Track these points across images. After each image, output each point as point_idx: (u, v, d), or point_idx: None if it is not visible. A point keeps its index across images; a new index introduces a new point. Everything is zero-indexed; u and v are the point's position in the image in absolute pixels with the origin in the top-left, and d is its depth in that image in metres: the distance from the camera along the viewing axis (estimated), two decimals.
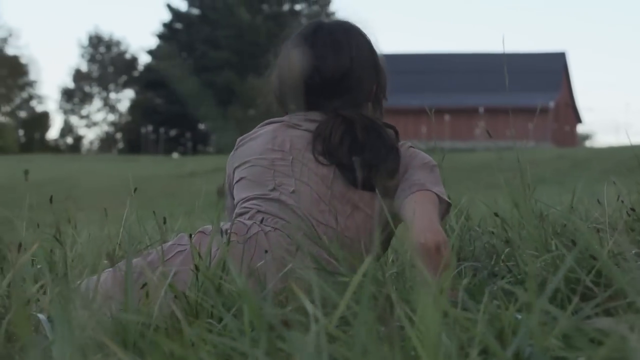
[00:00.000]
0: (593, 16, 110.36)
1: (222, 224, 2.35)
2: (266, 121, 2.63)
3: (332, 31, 2.62)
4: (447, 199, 2.43)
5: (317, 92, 2.56)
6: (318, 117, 2.55)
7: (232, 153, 2.65)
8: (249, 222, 2.37)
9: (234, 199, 2.57)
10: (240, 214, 2.46)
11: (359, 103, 2.59)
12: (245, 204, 2.47)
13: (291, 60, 2.61)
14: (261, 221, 2.39)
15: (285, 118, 2.60)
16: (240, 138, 2.66)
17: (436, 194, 2.38)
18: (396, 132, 2.57)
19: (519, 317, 1.56)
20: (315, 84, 2.56)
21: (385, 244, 2.50)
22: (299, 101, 2.60)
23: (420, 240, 2.17)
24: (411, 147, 2.55)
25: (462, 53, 56.50)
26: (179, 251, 2.30)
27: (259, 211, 2.42)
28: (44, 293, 2.15)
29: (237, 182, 2.56)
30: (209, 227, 2.40)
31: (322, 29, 2.63)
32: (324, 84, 2.55)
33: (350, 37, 2.62)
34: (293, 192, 2.42)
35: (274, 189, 2.45)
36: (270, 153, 2.51)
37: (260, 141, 2.56)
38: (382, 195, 2.37)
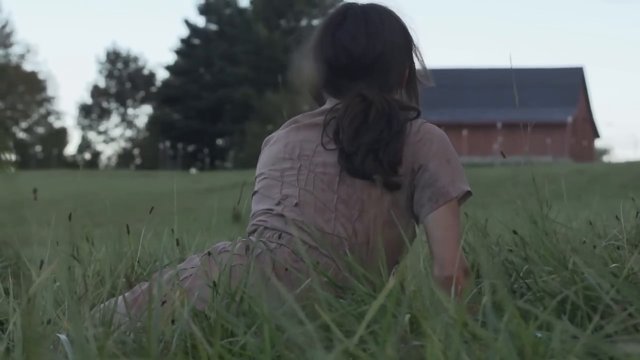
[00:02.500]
0: (614, 33, 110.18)
1: (239, 238, 2.34)
2: (289, 120, 2.56)
3: (365, 12, 2.50)
4: (467, 188, 2.37)
5: (342, 74, 2.48)
6: (334, 104, 2.46)
7: (259, 156, 2.59)
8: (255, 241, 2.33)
9: None
10: (251, 232, 2.42)
11: (389, 87, 2.49)
12: (254, 221, 2.44)
13: (317, 40, 2.53)
14: (271, 237, 2.35)
15: (299, 117, 2.53)
16: (266, 140, 2.60)
17: (457, 197, 2.34)
18: (418, 114, 2.46)
19: (539, 335, 1.55)
20: (341, 65, 2.47)
21: (399, 241, 2.35)
22: (322, 84, 2.53)
23: (444, 273, 2.29)
24: (425, 122, 2.43)
25: (479, 68, 56.44)
26: (186, 276, 2.24)
27: (266, 227, 2.38)
28: (63, 312, 2.15)
29: (253, 194, 2.52)
30: (218, 245, 2.39)
31: (353, 9, 2.52)
32: (351, 66, 2.46)
33: (383, 19, 2.51)
34: (296, 205, 2.37)
35: (279, 203, 2.39)
36: (282, 162, 2.46)
37: (275, 148, 2.50)
38: (388, 187, 2.34)
